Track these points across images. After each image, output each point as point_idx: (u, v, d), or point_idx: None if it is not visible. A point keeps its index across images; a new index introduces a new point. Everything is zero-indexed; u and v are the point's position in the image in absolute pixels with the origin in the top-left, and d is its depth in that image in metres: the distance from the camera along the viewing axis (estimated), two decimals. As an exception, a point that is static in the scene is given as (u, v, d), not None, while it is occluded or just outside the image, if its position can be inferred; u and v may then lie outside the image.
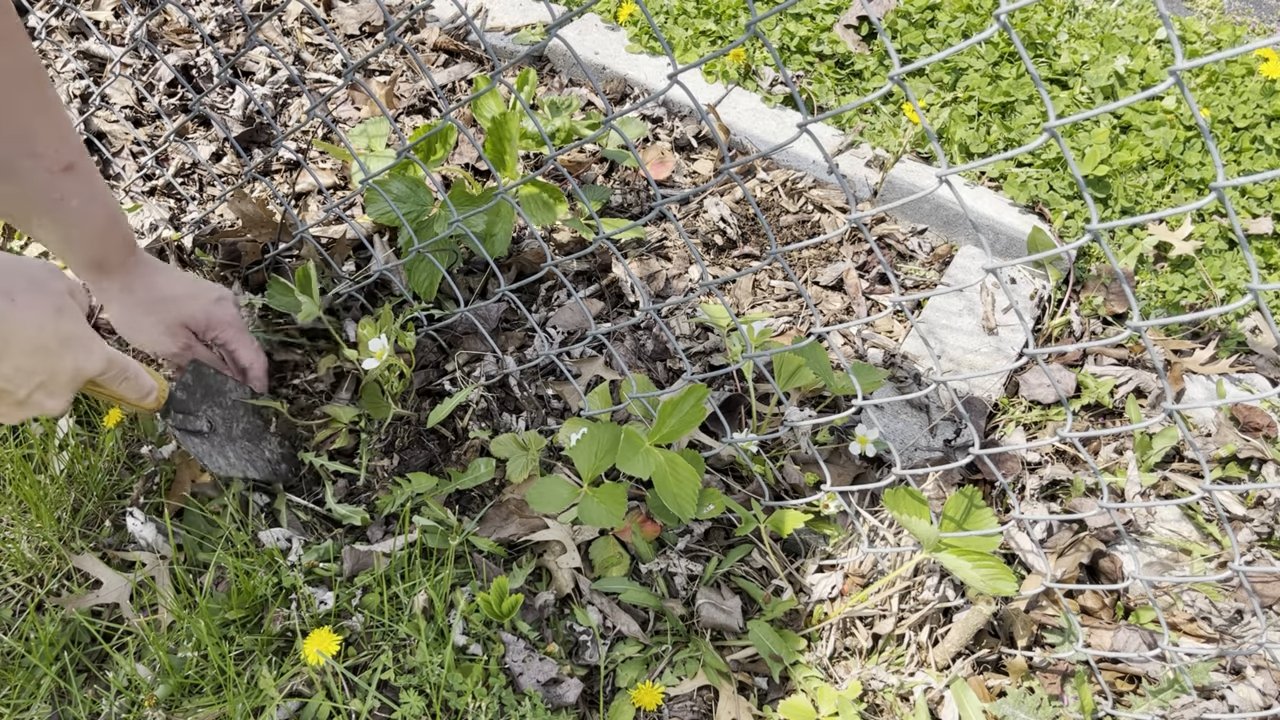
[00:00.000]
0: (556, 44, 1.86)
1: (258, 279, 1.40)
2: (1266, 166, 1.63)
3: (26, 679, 1.01)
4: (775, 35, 1.87)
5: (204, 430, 1.10)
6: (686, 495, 1.03)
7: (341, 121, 1.71)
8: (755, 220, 1.61)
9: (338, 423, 1.22)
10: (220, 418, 1.13)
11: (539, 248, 1.48)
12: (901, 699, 1.10)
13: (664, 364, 1.38)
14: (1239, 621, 1.16)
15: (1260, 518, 1.25)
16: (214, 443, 1.11)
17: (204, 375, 1.11)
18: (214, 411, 1.12)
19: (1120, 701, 1.10)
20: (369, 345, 1.13)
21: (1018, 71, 1.74)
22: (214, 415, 1.12)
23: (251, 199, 1.40)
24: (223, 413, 1.13)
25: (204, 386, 1.11)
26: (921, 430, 1.32)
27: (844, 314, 1.49)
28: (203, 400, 1.11)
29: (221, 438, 1.12)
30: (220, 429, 1.12)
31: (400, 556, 1.10)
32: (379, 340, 1.13)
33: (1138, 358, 1.44)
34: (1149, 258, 1.56)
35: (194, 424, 1.09)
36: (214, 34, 1.84)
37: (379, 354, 1.12)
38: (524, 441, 1.22)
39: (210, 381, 1.12)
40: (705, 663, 1.09)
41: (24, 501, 1.13)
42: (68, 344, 0.80)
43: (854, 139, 1.71)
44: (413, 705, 0.98)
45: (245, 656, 1.04)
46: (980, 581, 0.95)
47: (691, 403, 1.06)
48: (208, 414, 1.11)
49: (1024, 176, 1.62)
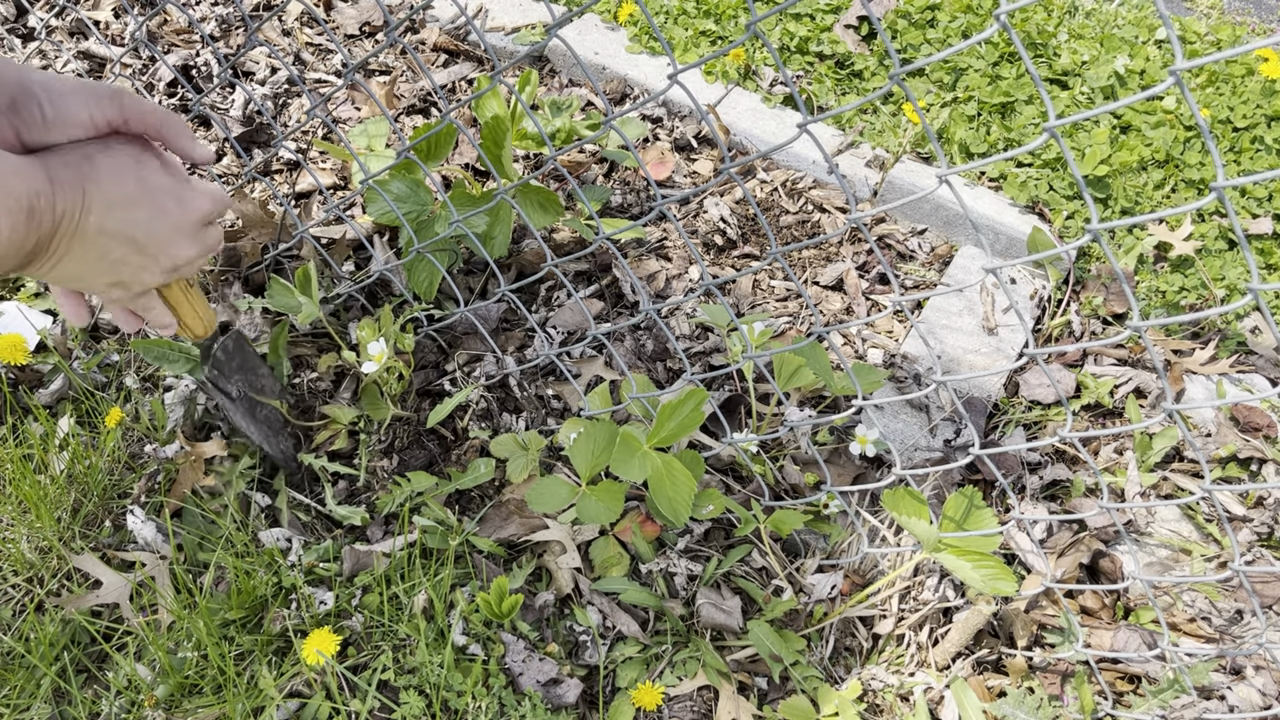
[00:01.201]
0: (556, 44, 1.86)
1: (258, 279, 1.40)
2: (1266, 166, 1.63)
3: (26, 679, 1.01)
4: (775, 35, 1.87)
5: (232, 395, 1.12)
6: (682, 500, 1.03)
7: (341, 121, 1.71)
8: (755, 220, 1.61)
9: (338, 423, 1.22)
10: (248, 392, 1.15)
11: (539, 248, 1.48)
12: (901, 699, 1.10)
13: (664, 364, 1.38)
14: (1239, 621, 1.16)
15: (1260, 518, 1.25)
16: (239, 410, 1.13)
17: (243, 348, 1.14)
18: (244, 384, 1.14)
19: (1120, 701, 1.10)
20: (368, 348, 1.14)
21: (1018, 71, 1.74)
22: (243, 387, 1.14)
23: (252, 199, 1.40)
24: (250, 390, 1.15)
25: (241, 356, 1.13)
26: (921, 430, 1.32)
27: (844, 314, 1.49)
28: (237, 370, 1.12)
29: (244, 411, 1.14)
30: (244, 404, 1.14)
31: (400, 556, 1.10)
32: (377, 344, 1.13)
33: (1138, 358, 1.44)
34: (1149, 258, 1.56)
35: (225, 385, 1.11)
36: (214, 34, 1.84)
37: (377, 357, 1.13)
38: (524, 441, 1.22)
39: (248, 358, 1.14)
40: (705, 663, 1.09)
41: (24, 501, 1.13)
42: (162, 188, 0.73)
43: (854, 139, 1.71)
44: (412, 705, 0.98)
45: (245, 656, 1.04)
46: (980, 581, 0.95)
47: (691, 406, 1.06)
48: (238, 383, 1.13)
49: (1024, 176, 1.62)
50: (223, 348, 1.09)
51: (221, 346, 1.09)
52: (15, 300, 1.35)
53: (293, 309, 1.21)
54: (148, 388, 1.27)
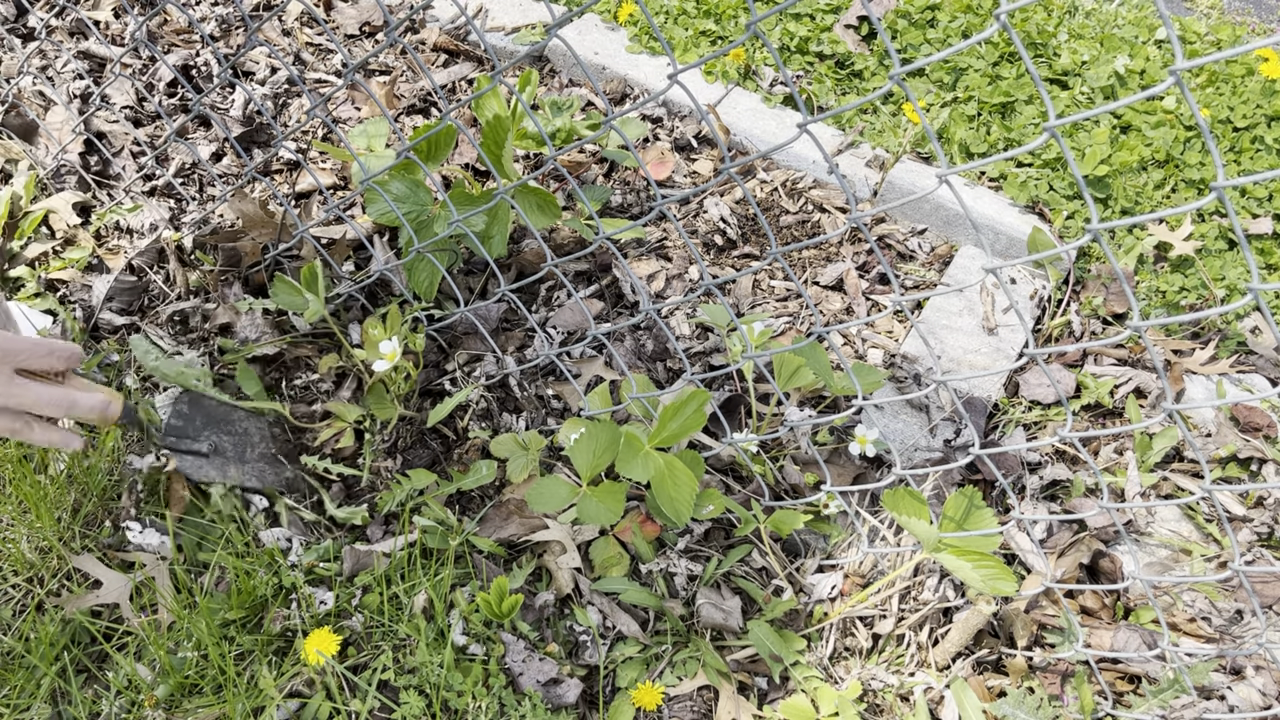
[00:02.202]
0: (556, 44, 1.86)
1: (258, 280, 1.40)
2: (1266, 166, 1.63)
3: (26, 679, 1.01)
4: (775, 35, 1.87)
5: (205, 452, 1.13)
6: (683, 500, 1.03)
7: (341, 121, 1.71)
8: (755, 220, 1.61)
9: (342, 421, 1.22)
10: (230, 444, 1.15)
11: (539, 248, 1.48)
12: (901, 699, 1.10)
13: (664, 364, 1.38)
14: (1239, 621, 1.16)
15: (1260, 518, 1.25)
16: (215, 463, 1.14)
17: (201, 404, 1.15)
18: (221, 438, 1.15)
19: (1120, 701, 1.10)
20: (379, 347, 1.13)
21: (1018, 71, 1.74)
22: (221, 441, 1.15)
23: (252, 199, 1.40)
24: (233, 440, 1.16)
25: (203, 414, 1.15)
26: (921, 430, 1.32)
27: (844, 314, 1.49)
28: (204, 428, 1.14)
29: (228, 459, 1.15)
30: (230, 452, 1.15)
31: (400, 556, 1.10)
32: (389, 342, 1.12)
33: (1138, 358, 1.44)
34: (1149, 258, 1.56)
35: (193, 445, 1.12)
36: (214, 34, 1.84)
37: (390, 356, 1.11)
38: (524, 441, 1.22)
39: (211, 411, 1.16)
40: (705, 663, 1.09)
41: (24, 501, 1.13)
42: None
43: (854, 139, 1.71)
44: (413, 705, 0.98)
45: (245, 656, 1.04)
46: (980, 581, 0.95)
47: (693, 407, 1.06)
48: (212, 439, 1.14)
49: (1024, 176, 1.62)
50: (176, 413, 1.09)
51: (175, 412, 1.09)
52: (15, 300, 1.35)
53: (298, 306, 1.21)
54: (148, 388, 1.27)
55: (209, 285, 1.38)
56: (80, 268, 1.42)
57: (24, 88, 1.64)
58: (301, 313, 1.20)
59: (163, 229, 1.45)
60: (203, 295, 1.38)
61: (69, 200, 1.48)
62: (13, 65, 1.69)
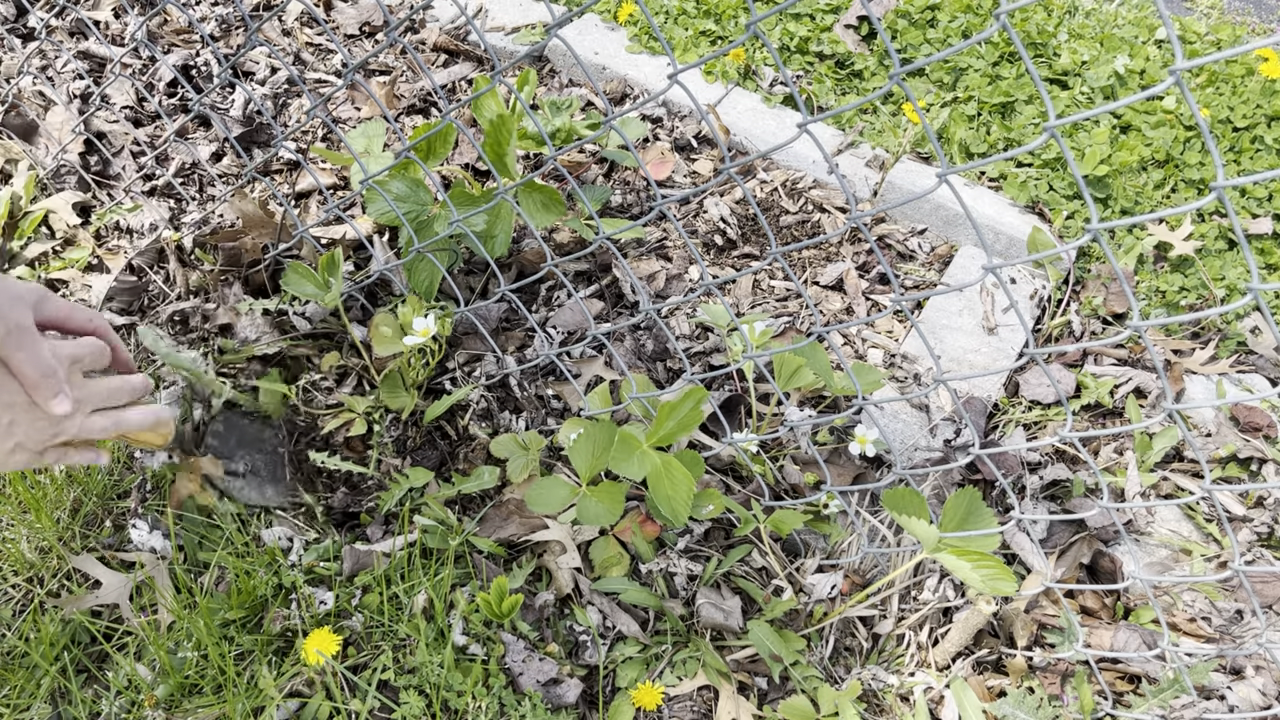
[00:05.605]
0: (556, 44, 1.86)
1: (258, 280, 1.40)
2: (1266, 166, 1.63)
3: (27, 679, 1.01)
4: (775, 35, 1.87)
5: (241, 473, 1.14)
6: (681, 499, 1.03)
7: (341, 121, 1.71)
8: (755, 220, 1.61)
9: (352, 411, 1.22)
10: (263, 463, 1.17)
11: (539, 248, 1.48)
12: (901, 699, 1.10)
13: (664, 364, 1.38)
14: (1239, 621, 1.16)
15: (1260, 518, 1.25)
16: (253, 483, 1.15)
17: (233, 423, 1.16)
18: (255, 458, 1.16)
19: (1120, 701, 1.10)
20: (412, 323, 1.14)
21: (1018, 71, 1.74)
22: (255, 461, 1.16)
23: (252, 199, 1.40)
24: (265, 458, 1.17)
25: (237, 432, 1.16)
26: (921, 430, 1.32)
27: (844, 314, 1.49)
28: (238, 447, 1.15)
29: (264, 479, 1.16)
30: (264, 472, 1.16)
31: (400, 556, 1.10)
32: (423, 319, 1.14)
33: (1138, 358, 1.44)
34: (1149, 258, 1.56)
35: (230, 467, 1.13)
36: (214, 34, 1.84)
37: (423, 332, 1.13)
38: (524, 441, 1.22)
39: (244, 430, 1.17)
40: (705, 663, 1.09)
41: (24, 502, 1.13)
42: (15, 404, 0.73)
43: (854, 139, 1.71)
44: (413, 705, 0.98)
45: (245, 656, 1.04)
46: (980, 581, 0.95)
47: (690, 406, 1.06)
48: (247, 459, 1.15)
49: (1024, 176, 1.62)
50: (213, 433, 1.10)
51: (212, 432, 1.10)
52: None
53: (313, 295, 1.20)
54: (148, 388, 1.27)
55: (209, 285, 1.38)
56: (80, 268, 1.42)
57: (24, 88, 1.64)
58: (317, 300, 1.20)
59: (163, 229, 1.45)
60: (203, 295, 1.38)
61: (69, 200, 1.48)
62: (13, 65, 1.69)
